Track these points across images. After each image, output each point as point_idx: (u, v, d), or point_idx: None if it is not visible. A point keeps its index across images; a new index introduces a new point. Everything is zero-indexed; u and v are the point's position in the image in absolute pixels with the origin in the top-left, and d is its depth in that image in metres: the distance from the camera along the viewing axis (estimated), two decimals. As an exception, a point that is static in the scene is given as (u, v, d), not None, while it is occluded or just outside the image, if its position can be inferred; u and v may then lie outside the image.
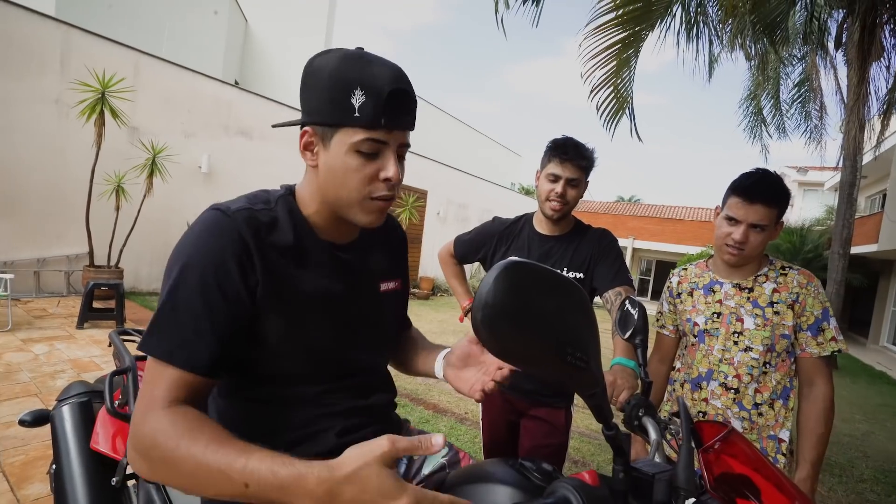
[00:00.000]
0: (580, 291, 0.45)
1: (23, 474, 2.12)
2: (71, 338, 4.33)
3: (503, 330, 0.40)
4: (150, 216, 6.32)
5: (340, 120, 0.66)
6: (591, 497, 0.45)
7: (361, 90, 0.65)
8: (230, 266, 0.64)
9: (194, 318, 0.62)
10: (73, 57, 5.95)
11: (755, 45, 5.26)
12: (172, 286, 0.63)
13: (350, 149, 0.67)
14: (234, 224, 0.66)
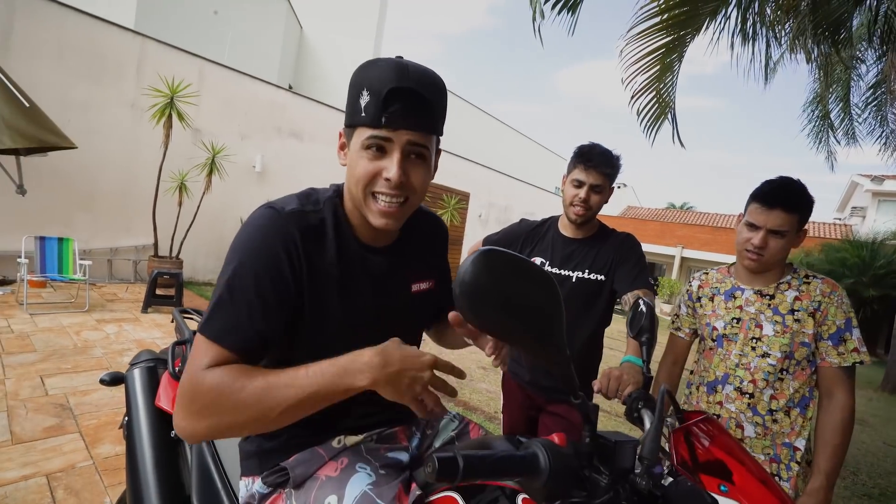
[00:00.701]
0: (547, 276, 0.53)
1: (96, 435, 2.40)
2: (136, 320, 4.76)
3: (478, 304, 0.49)
4: (208, 212, 6.80)
5: (354, 120, 0.72)
6: (557, 455, 0.53)
7: (367, 91, 0.69)
8: (282, 265, 0.70)
9: (247, 307, 0.67)
10: (148, 65, 6.53)
11: (817, 47, 4.97)
12: (230, 278, 0.68)
13: (360, 147, 0.72)
14: (286, 225, 0.71)
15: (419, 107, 0.71)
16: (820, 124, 9.84)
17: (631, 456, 0.58)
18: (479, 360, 5.26)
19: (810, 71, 6.56)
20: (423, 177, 0.76)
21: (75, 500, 1.88)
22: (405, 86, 0.68)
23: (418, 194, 0.77)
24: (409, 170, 0.73)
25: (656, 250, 19.56)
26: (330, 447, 0.80)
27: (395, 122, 0.69)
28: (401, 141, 0.71)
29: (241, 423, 0.63)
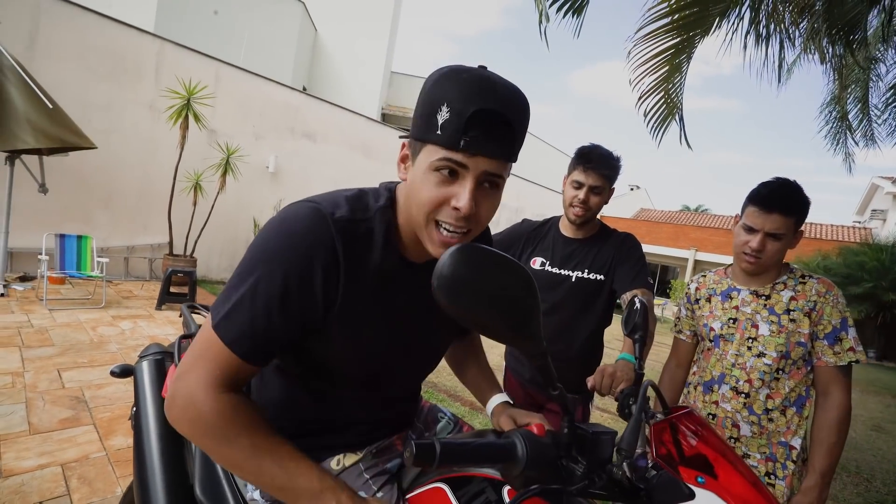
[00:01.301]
0: (524, 271, 0.55)
1: (109, 427, 2.47)
2: (151, 317, 4.87)
3: (455, 297, 0.51)
4: (222, 212, 6.93)
5: (426, 135, 0.63)
6: (535, 444, 0.55)
7: (447, 106, 0.61)
8: (315, 275, 0.64)
9: (266, 315, 0.63)
10: (166, 67, 6.68)
11: (832, 48, 4.88)
12: (258, 280, 0.63)
13: (429, 167, 0.64)
14: (330, 233, 0.65)
15: (502, 132, 0.63)
16: (837, 126, 9.64)
17: (609, 447, 0.60)
18: (487, 360, 5.26)
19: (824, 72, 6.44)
20: (492, 208, 0.68)
21: (88, 489, 1.95)
22: (491, 108, 0.60)
23: (482, 226, 0.69)
24: (479, 200, 0.65)
25: (670, 253, 19.32)
26: (330, 469, 0.81)
27: (475, 147, 0.61)
28: (477, 169, 0.63)
29: (218, 457, 0.66)
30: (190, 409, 0.63)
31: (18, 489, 1.88)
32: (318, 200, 0.68)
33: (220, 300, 0.65)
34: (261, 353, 0.65)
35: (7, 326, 3.85)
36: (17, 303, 4.62)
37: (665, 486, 0.60)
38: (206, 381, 0.63)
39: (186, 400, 0.63)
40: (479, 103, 0.60)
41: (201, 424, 0.63)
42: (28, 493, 1.86)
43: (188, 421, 0.64)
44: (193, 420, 0.63)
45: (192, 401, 0.63)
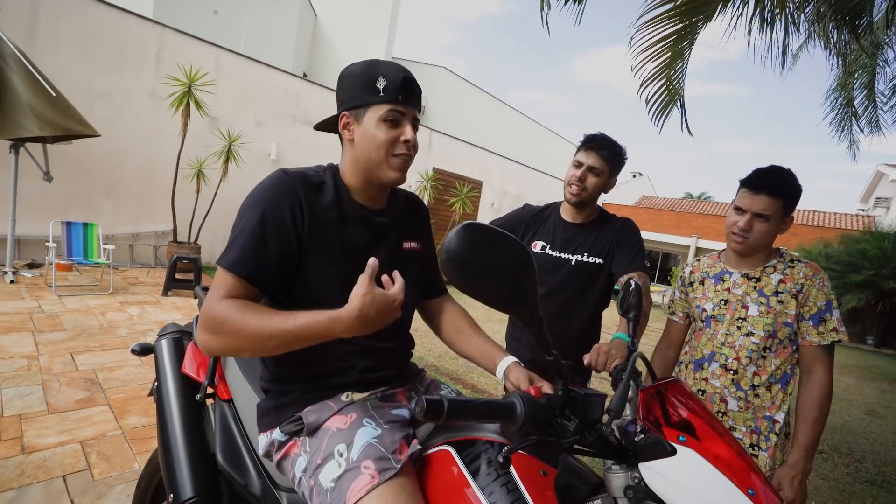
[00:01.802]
0: (523, 248, 0.60)
1: (124, 408, 2.56)
2: (157, 303, 4.96)
3: (461, 271, 0.56)
4: (224, 198, 6.97)
5: (369, 100, 0.91)
6: (533, 405, 0.61)
7: (384, 78, 0.91)
8: (284, 211, 0.87)
9: (252, 243, 0.84)
10: (166, 54, 6.66)
11: (837, 33, 4.84)
12: (244, 222, 0.85)
13: (379, 119, 0.91)
14: (291, 181, 0.89)
15: (417, 93, 0.96)
16: (843, 112, 9.55)
17: (599, 408, 0.66)
18: (488, 345, 5.35)
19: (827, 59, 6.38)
20: (417, 142, 0.98)
21: (107, 464, 2.03)
22: (411, 77, 0.94)
23: (415, 155, 0.99)
24: (414, 136, 0.96)
25: (671, 240, 19.33)
26: (339, 400, 0.91)
27: (408, 100, 0.93)
28: (410, 115, 0.94)
29: (244, 346, 0.79)
30: (207, 322, 0.79)
31: (42, 464, 1.97)
32: (283, 168, 0.94)
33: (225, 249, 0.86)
34: (255, 274, 0.83)
35: (19, 312, 3.94)
36: (27, 289, 4.71)
37: (650, 445, 0.66)
38: (215, 297, 0.81)
39: (203, 317, 0.80)
40: (404, 73, 0.92)
41: (217, 326, 0.78)
42: (51, 468, 1.95)
43: (210, 333, 0.79)
44: (212, 328, 0.79)
45: (206, 315, 0.80)
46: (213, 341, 0.80)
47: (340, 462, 0.80)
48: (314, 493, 0.81)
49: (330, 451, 0.82)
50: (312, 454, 0.84)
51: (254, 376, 1.10)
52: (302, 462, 0.86)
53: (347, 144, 0.97)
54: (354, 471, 0.78)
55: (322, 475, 0.81)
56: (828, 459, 3.60)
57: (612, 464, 0.69)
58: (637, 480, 0.65)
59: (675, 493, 0.62)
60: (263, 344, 0.78)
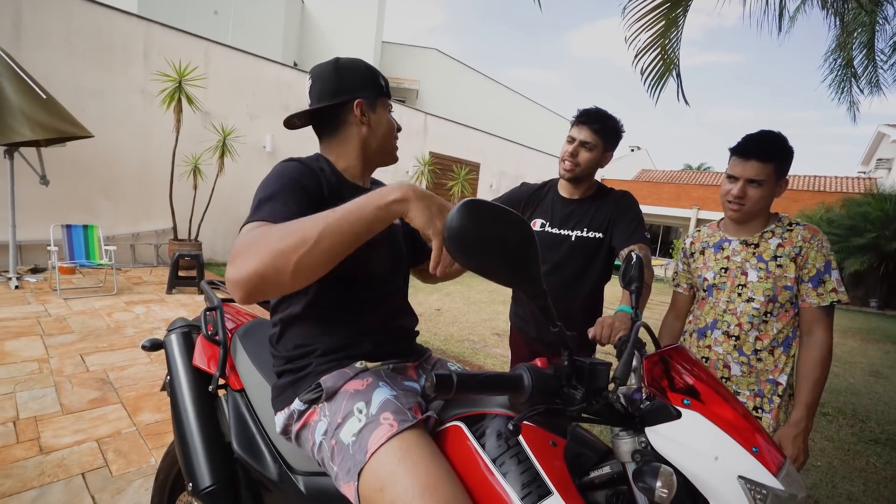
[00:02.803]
0: (523, 222, 0.60)
1: (136, 405, 2.60)
2: (162, 301, 4.99)
3: (464, 247, 0.57)
4: (223, 194, 6.96)
5: (380, 93, 1.06)
6: (540, 375, 0.61)
7: (381, 78, 1.07)
8: (311, 181, 0.92)
9: (283, 198, 0.84)
10: (154, 49, 6.57)
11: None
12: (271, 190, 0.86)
13: (387, 111, 1.08)
14: (305, 164, 0.96)
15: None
16: (842, 74, 9.41)
17: (605, 377, 0.67)
18: (494, 327, 5.39)
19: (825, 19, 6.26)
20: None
21: (124, 460, 2.08)
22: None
23: None
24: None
25: (672, 213, 19.26)
26: (354, 368, 0.94)
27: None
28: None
29: (284, 253, 0.67)
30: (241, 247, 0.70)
31: (60, 463, 2.01)
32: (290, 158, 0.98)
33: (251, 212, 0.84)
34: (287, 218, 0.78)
35: (27, 317, 3.97)
36: (32, 294, 4.74)
37: (655, 410, 0.67)
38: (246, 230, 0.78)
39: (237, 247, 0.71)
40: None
41: (256, 247, 0.68)
42: (70, 466, 1.99)
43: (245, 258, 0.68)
44: (250, 255, 0.68)
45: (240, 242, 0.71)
46: (247, 266, 0.67)
47: (360, 418, 0.83)
48: (335, 452, 0.84)
49: (349, 410, 0.85)
50: (332, 416, 0.87)
51: (264, 364, 1.12)
52: (322, 426, 0.88)
53: (354, 129, 1.04)
54: (374, 423, 0.81)
55: (343, 433, 0.84)
56: (833, 421, 3.65)
57: (620, 430, 0.70)
58: (644, 444, 0.67)
59: (682, 454, 0.64)
60: (307, 241, 0.67)
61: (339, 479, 0.81)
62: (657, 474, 0.57)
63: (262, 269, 0.67)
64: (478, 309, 6.47)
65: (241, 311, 1.52)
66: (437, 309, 6.14)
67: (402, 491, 0.70)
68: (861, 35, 9.42)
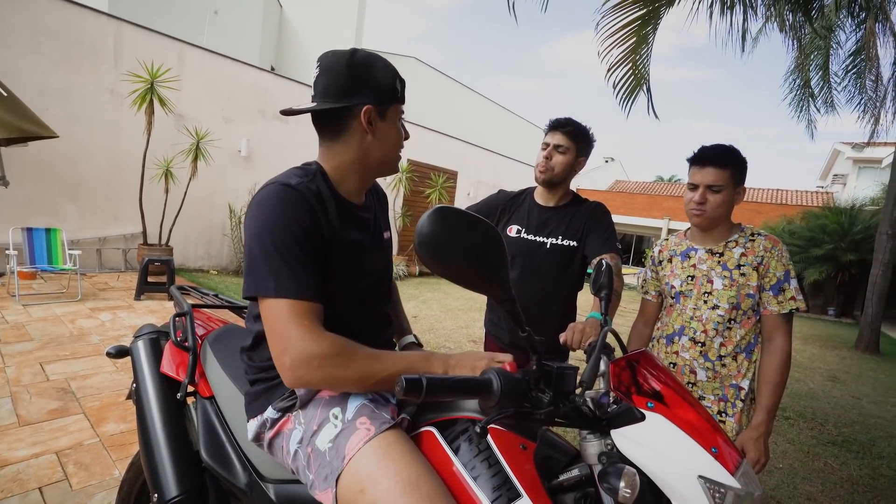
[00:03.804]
0: (492, 229, 0.62)
1: (100, 415, 2.50)
2: (130, 307, 4.82)
3: (434, 253, 0.58)
4: (195, 198, 6.79)
5: (394, 99, 0.94)
6: (508, 379, 0.63)
7: (399, 80, 0.94)
8: (308, 223, 0.84)
9: (300, 264, 0.81)
10: (125, 50, 6.40)
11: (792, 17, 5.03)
12: (276, 246, 0.80)
13: (398, 118, 0.96)
14: (300, 195, 0.85)
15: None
16: (800, 93, 9.93)
17: (572, 380, 0.69)
18: (470, 334, 5.41)
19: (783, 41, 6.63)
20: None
21: (86, 473, 1.99)
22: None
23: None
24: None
25: (644, 223, 19.77)
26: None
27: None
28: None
29: (350, 379, 0.80)
30: (312, 361, 0.77)
31: (15, 477, 1.91)
32: (277, 180, 0.88)
33: (257, 278, 0.82)
34: (319, 290, 0.83)
35: (-19, 323, 3.78)
36: (-12, 300, 4.51)
37: (621, 413, 0.70)
38: (305, 333, 0.78)
39: (304, 357, 0.77)
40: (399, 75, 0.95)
41: (328, 362, 0.78)
42: (26, 481, 1.90)
43: (318, 369, 0.78)
44: (321, 365, 0.78)
45: (308, 355, 0.77)
46: (318, 378, 0.79)
47: (336, 424, 0.83)
48: (311, 460, 0.83)
49: (325, 416, 0.85)
50: (307, 423, 0.87)
51: (236, 371, 1.10)
52: (297, 434, 0.87)
53: (357, 137, 0.93)
54: (350, 428, 0.81)
55: (318, 440, 0.83)
56: (794, 424, 3.80)
57: (587, 433, 0.72)
58: (610, 447, 0.69)
59: (645, 456, 0.66)
60: (370, 377, 0.81)
61: (316, 486, 0.81)
62: (621, 475, 0.59)
63: (326, 382, 0.81)
64: (454, 316, 6.48)
65: (211, 317, 1.50)
66: (414, 316, 6.12)
67: (383, 490, 0.71)
68: (817, 58, 9.96)
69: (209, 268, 7.68)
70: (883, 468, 3.19)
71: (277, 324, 0.79)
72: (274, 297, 0.80)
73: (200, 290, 1.70)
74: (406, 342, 1.24)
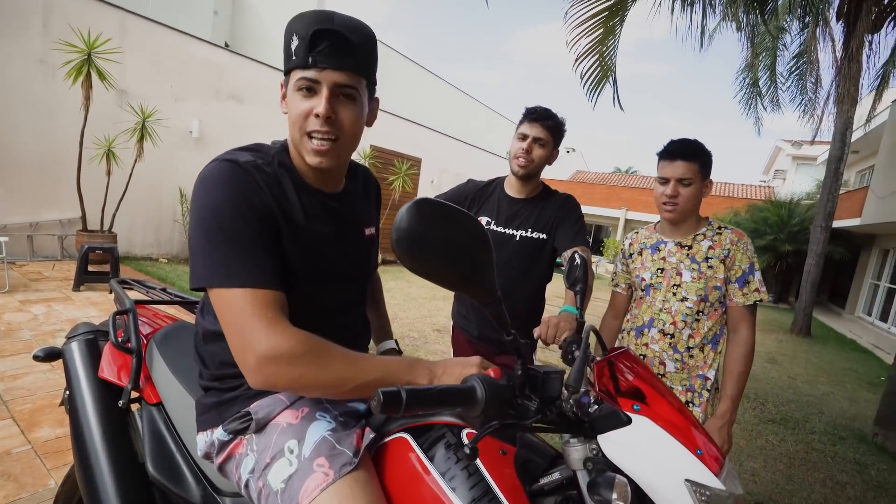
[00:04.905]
0: (477, 223, 0.57)
1: (32, 420, 2.28)
2: (68, 299, 4.45)
3: (414, 250, 0.53)
4: (142, 181, 6.34)
5: (288, 65, 0.77)
6: (493, 387, 0.59)
7: (296, 36, 0.74)
8: (258, 203, 0.73)
9: (256, 246, 0.71)
10: (56, 15, 5.81)
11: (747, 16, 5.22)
12: (217, 226, 0.70)
13: (293, 90, 0.77)
14: (248, 174, 0.74)
15: (345, 48, 0.75)
16: (749, 91, 10.49)
17: (558, 385, 0.66)
18: (434, 323, 5.39)
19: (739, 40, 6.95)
20: (352, 117, 0.79)
21: (15, 485, 1.81)
22: (329, 27, 0.73)
23: (348, 135, 0.80)
24: (338, 109, 0.77)
25: (603, 213, 20.40)
26: (290, 394, 0.82)
27: (322, 61, 0.74)
28: (329, 80, 0.75)
29: (323, 382, 0.70)
30: (280, 358, 0.67)
31: (-70, 492, 1.71)
32: (222, 157, 0.76)
33: (205, 265, 0.70)
34: (277, 276, 0.73)
35: None
36: None
37: (606, 416, 0.67)
38: (270, 327, 0.68)
39: (271, 355, 0.67)
40: (318, 25, 0.73)
41: (299, 361, 0.68)
42: (-57, 495, 1.70)
43: (287, 368, 0.68)
44: (291, 363, 0.68)
45: (276, 352, 0.67)
46: (285, 378, 0.68)
47: (291, 460, 0.74)
48: (262, 495, 0.75)
49: (280, 449, 0.76)
50: (260, 453, 0.77)
51: (187, 374, 1.00)
52: (249, 462, 0.78)
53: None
54: (306, 470, 0.72)
55: (271, 475, 0.75)
56: (739, 405, 4.05)
57: (570, 437, 0.69)
58: (595, 451, 0.66)
59: (633, 461, 0.64)
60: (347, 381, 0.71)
61: None
62: (612, 485, 0.56)
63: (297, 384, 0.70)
64: (417, 305, 6.43)
65: (158, 313, 1.37)
66: (378, 306, 6.03)
67: None
68: (765, 59, 10.51)
69: (158, 255, 7.23)
70: (815, 443, 3.45)
71: (236, 317, 0.69)
72: (228, 287, 0.69)
73: (145, 284, 1.55)
74: (385, 347, 1.15)
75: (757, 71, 10.08)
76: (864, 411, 4.43)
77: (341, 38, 0.74)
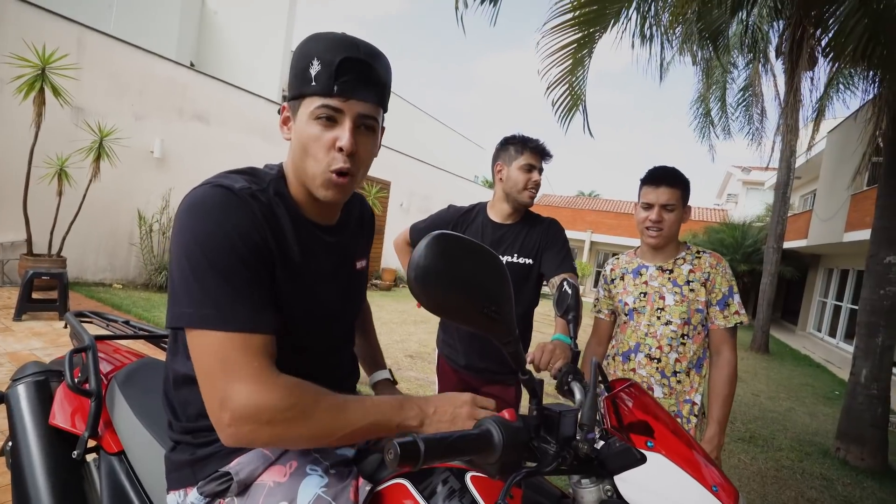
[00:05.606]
0: (496, 258, 0.54)
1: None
2: (7, 330, 4.09)
3: (432, 287, 0.49)
4: (97, 203, 6.01)
5: (302, 90, 0.71)
6: (509, 429, 0.55)
7: (318, 60, 0.69)
8: (252, 235, 0.66)
9: (248, 285, 0.64)
10: (9, 28, 5.53)
11: (701, 52, 5.59)
12: (214, 267, 0.63)
13: (310, 117, 0.70)
14: (243, 202, 0.67)
15: (370, 79, 0.72)
16: (703, 120, 11.21)
17: (573, 424, 0.62)
18: (406, 349, 5.28)
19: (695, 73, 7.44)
20: (370, 150, 0.77)
21: (-60, 543, 1.60)
22: (357, 56, 0.70)
23: (363, 170, 0.77)
24: (358, 141, 0.72)
25: (569, 235, 20.88)
26: (276, 448, 0.75)
27: (348, 91, 0.69)
28: (352, 111, 0.71)
29: (306, 436, 0.64)
30: (260, 416, 0.61)
31: None
32: (214, 181, 0.69)
33: (189, 303, 0.63)
34: (269, 318, 0.66)
35: None
36: None
37: (619, 454, 0.64)
38: (254, 379, 0.61)
39: (249, 413, 0.60)
40: (345, 53, 0.69)
41: (280, 417, 0.61)
42: None
43: (266, 427, 0.61)
44: (271, 421, 0.61)
45: (255, 409, 0.60)
46: (266, 435, 0.62)
47: None
48: None
49: None
50: None
51: (154, 418, 0.91)
52: None
53: (290, 146, 0.77)
54: None
55: None
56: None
57: (580, 478, 0.66)
58: (610, 493, 0.63)
59: (651, 502, 0.61)
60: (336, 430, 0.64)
61: None
62: None
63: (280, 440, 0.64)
64: (388, 330, 6.31)
65: (120, 349, 1.25)
66: (349, 331, 5.87)
67: None
68: (716, 91, 11.27)
69: (112, 281, 6.81)
70: (783, 459, 3.54)
71: (216, 365, 0.61)
72: (213, 330, 0.62)
73: (105, 317, 1.42)
74: (378, 378, 1.08)
75: (709, 102, 10.81)
76: (824, 426, 4.61)
77: (368, 68, 0.71)
